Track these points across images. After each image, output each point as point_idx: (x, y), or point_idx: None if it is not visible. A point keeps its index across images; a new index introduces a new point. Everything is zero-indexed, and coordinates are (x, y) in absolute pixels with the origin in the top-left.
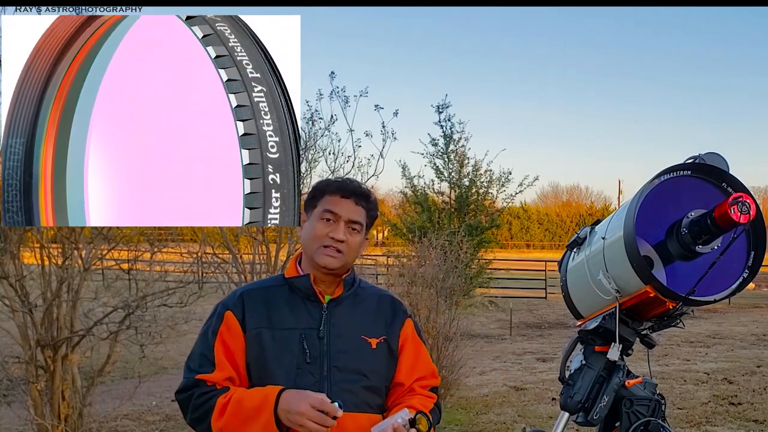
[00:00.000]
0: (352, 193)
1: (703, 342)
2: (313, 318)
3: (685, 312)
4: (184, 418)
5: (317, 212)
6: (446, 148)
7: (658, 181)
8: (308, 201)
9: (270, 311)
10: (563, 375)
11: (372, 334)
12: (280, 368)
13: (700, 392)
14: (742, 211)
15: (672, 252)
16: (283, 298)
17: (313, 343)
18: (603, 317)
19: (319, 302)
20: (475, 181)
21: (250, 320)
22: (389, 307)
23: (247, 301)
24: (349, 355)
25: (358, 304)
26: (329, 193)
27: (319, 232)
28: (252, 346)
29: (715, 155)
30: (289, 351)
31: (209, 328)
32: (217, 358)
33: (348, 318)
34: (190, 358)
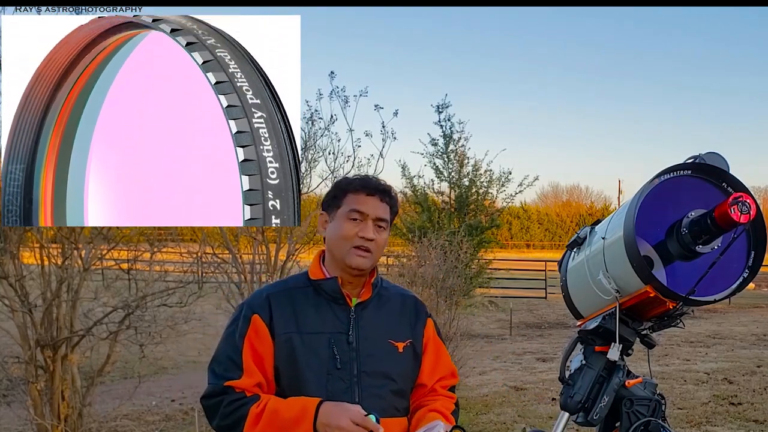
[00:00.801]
0: (377, 190)
1: (703, 342)
2: (341, 322)
3: (685, 312)
4: (210, 423)
5: (343, 212)
6: (446, 148)
7: (658, 181)
8: (330, 200)
9: (297, 314)
10: (563, 375)
11: (398, 338)
12: (311, 374)
13: (701, 392)
14: (742, 211)
15: (672, 252)
16: (309, 300)
17: (343, 348)
18: (603, 317)
19: (346, 305)
20: (475, 181)
21: (278, 324)
22: (413, 309)
23: (274, 303)
24: (378, 360)
25: (383, 306)
26: (353, 192)
27: (348, 233)
28: (281, 350)
29: (715, 155)
30: (319, 356)
31: (236, 330)
32: (245, 363)
33: (375, 321)
34: (216, 361)
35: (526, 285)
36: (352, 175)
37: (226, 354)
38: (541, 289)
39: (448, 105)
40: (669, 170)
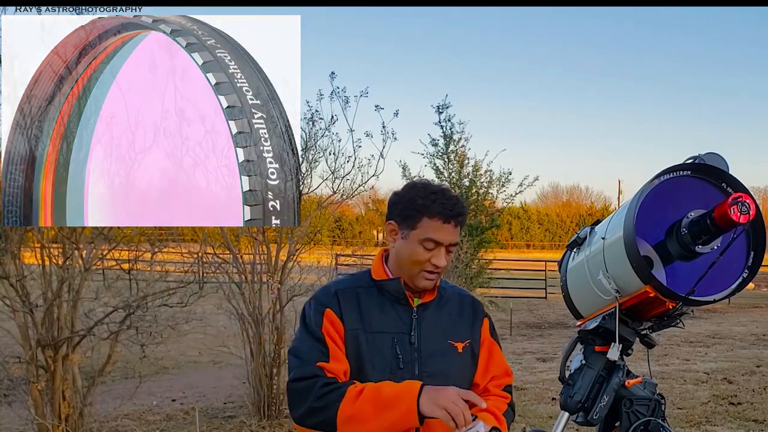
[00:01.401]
0: (453, 218)
1: (703, 342)
2: (404, 322)
3: (684, 312)
4: (294, 410)
5: (417, 236)
6: (446, 149)
7: (657, 181)
8: (404, 217)
9: (363, 313)
10: (563, 375)
11: (458, 338)
12: (374, 372)
13: (700, 392)
14: (741, 211)
15: (672, 252)
16: (373, 300)
17: (405, 348)
18: (603, 317)
19: (409, 306)
20: (475, 181)
21: (347, 320)
22: (470, 308)
23: (342, 299)
24: (438, 360)
25: (443, 307)
26: (429, 217)
27: (421, 258)
28: (349, 345)
29: (714, 155)
30: (382, 355)
31: (311, 323)
32: (331, 349)
33: (436, 322)
34: (299, 350)
35: (526, 285)
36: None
37: (308, 343)
38: (541, 289)
39: (448, 105)
40: (668, 170)
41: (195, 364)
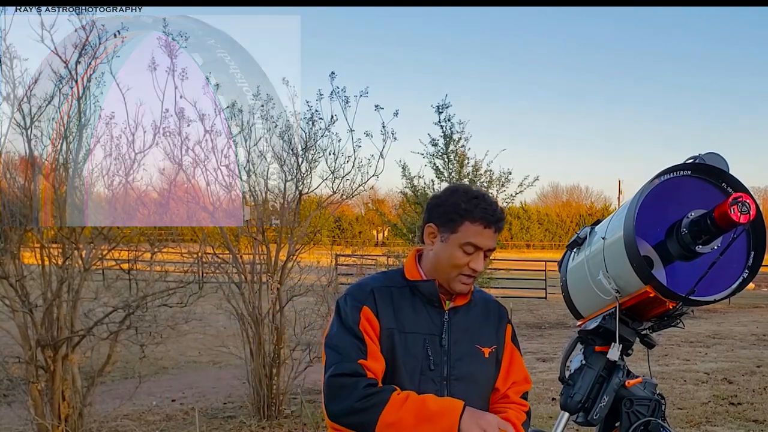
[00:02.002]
0: (494, 223)
1: (703, 342)
2: (435, 324)
3: (685, 312)
4: (332, 404)
5: (457, 240)
6: (446, 149)
7: (658, 181)
8: (446, 220)
9: (397, 312)
10: (563, 375)
11: (485, 343)
12: (406, 371)
13: (700, 392)
14: (742, 211)
15: (672, 252)
16: (407, 300)
17: (436, 350)
18: (603, 317)
19: (441, 308)
20: (475, 181)
21: (383, 318)
22: (496, 314)
23: (378, 298)
24: (466, 364)
25: (472, 311)
26: (471, 221)
27: (460, 262)
28: (384, 344)
29: (714, 155)
30: (414, 355)
31: (348, 320)
32: (369, 347)
33: (465, 326)
34: (338, 346)
35: (527, 285)
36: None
37: (347, 339)
38: (542, 289)
39: (448, 105)
40: (669, 170)
41: (195, 364)
